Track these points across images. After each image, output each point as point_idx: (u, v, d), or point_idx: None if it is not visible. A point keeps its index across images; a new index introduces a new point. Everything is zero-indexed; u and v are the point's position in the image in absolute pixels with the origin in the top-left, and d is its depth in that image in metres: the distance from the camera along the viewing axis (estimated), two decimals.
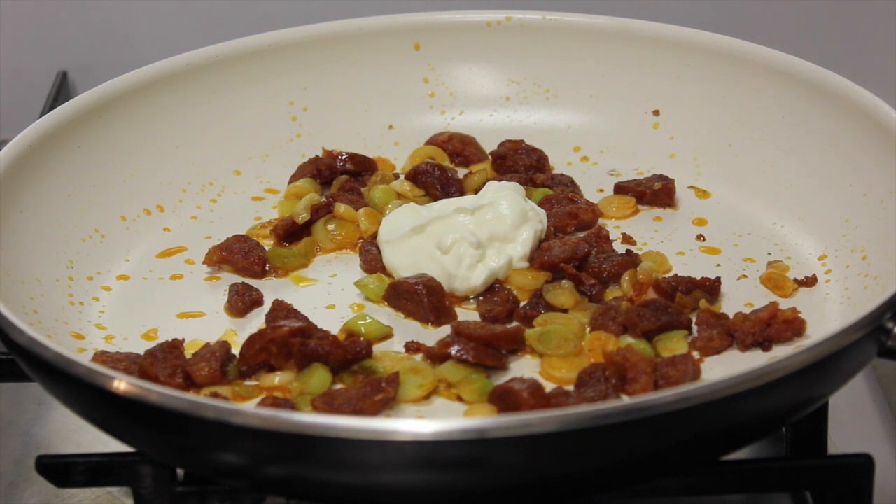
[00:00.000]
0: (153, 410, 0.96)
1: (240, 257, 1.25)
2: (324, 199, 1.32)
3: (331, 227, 1.29)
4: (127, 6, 1.72)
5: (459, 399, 1.10)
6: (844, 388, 1.06)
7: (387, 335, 1.17)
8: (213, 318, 1.21)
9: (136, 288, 1.25)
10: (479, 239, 1.19)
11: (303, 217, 1.28)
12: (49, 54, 1.73)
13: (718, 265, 1.25)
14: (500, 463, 0.94)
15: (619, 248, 1.25)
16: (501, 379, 1.10)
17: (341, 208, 1.30)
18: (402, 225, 1.24)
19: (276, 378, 1.11)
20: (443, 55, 1.47)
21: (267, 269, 1.26)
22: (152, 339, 1.18)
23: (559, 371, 1.11)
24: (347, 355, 1.11)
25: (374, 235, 1.26)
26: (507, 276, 1.20)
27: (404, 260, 1.22)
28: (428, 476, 0.96)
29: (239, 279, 1.24)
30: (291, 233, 1.29)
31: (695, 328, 1.15)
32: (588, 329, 1.16)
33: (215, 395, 1.08)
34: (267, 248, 1.27)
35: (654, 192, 1.33)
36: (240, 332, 1.18)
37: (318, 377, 1.10)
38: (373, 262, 1.25)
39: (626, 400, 1.05)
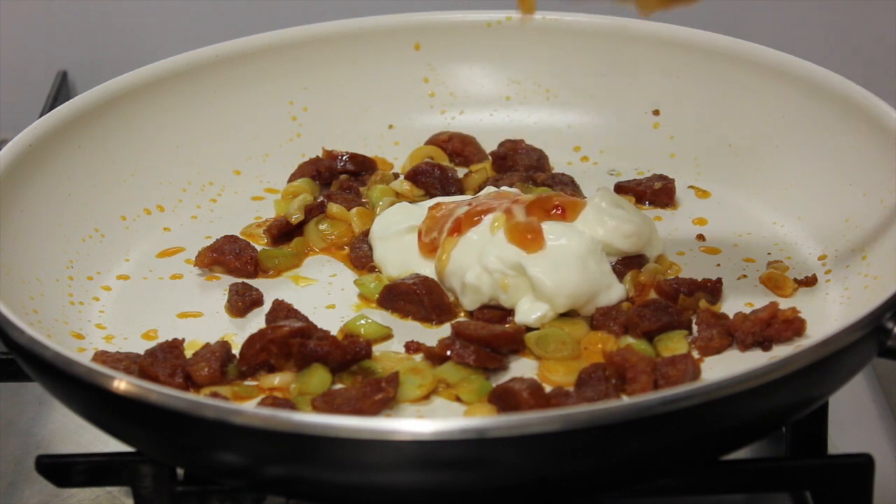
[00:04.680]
0: (153, 410, 0.96)
1: (231, 258, 1.25)
2: (321, 198, 1.32)
3: (323, 226, 1.29)
4: (127, 6, 1.72)
5: (459, 399, 1.10)
6: (844, 388, 1.06)
7: (387, 336, 1.17)
8: (213, 318, 1.21)
9: (136, 288, 1.25)
10: (494, 296, 1.18)
11: (296, 217, 1.28)
12: (49, 54, 1.73)
13: (718, 265, 1.25)
14: (500, 463, 0.94)
15: None
16: (501, 379, 1.10)
17: (334, 208, 1.30)
18: (396, 222, 1.24)
19: (276, 378, 1.11)
20: (443, 55, 1.47)
21: (258, 269, 1.26)
22: (152, 339, 1.18)
23: (557, 374, 1.11)
24: (347, 356, 1.11)
25: (367, 233, 1.26)
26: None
27: (395, 257, 1.23)
28: (428, 476, 0.96)
29: (234, 279, 1.24)
30: (285, 233, 1.29)
31: (695, 328, 1.15)
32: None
33: (215, 395, 1.08)
34: (259, 249, 1.27)
35: (654, 192, 1.33)
36: (240, 332, 1.18)
37: (318, 377, 1.10)
38: (363, 258, 1.25)
39: (625, 400, 1.05)
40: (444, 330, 1.17)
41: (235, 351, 1.13)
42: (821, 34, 1.70)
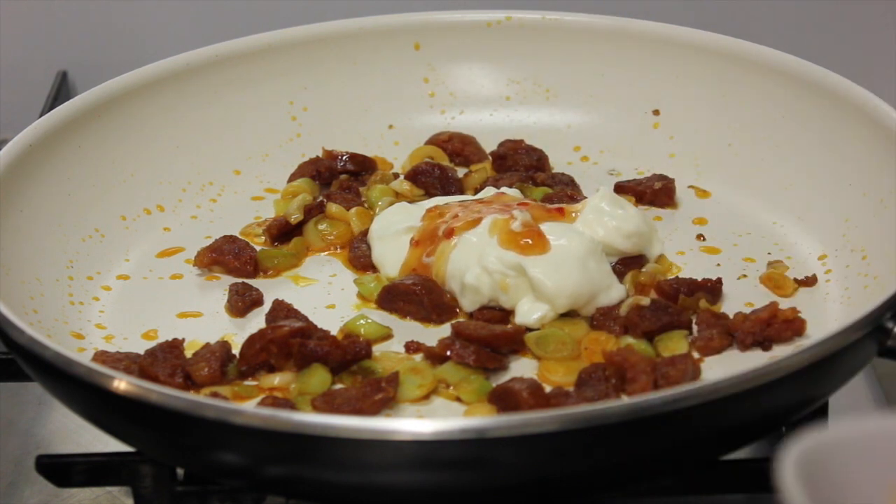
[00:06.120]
0: (153, 410, 0.96)
1: (230, 258, 1.25)
2: (320, 198, 1.32)
3: (322, 226, 1.29)
4: (127, 6, 1.72)
5: (459, 399, 1.10)
6: (844, 388, 1.06)
7: (387, 336, 1.17)
8: (213, 318, 1.21)
9: (136, 288, 1.25)
10: (494, 297, 1.18)
11: (296, 217, 1.28)
12: (49, 54, 1.72)
13: (718, 265, 1.25)
14: (500, 463, 0.94)
15: None
16: (501, 379, 1.10)
17: (333, 208, 1.30)
18: (395, 222, 1.24)
19: (276, 378, 1.11)
20: (443, 55, 1.47)
21: (258, 269, 1.26)
22: (152, 339, 1.18)
23: (556, 374, 1.11)
24: (347, 356, 1.11)
25: (366, 233, 1.27)
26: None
27: (393, 256, 1.23)
28: (428, 476, 0.96)
29: (233, 279, 1.24)
30: (285, 233, 1.29)
31: (695, 328, 1.15)
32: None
33: (215, 395, 1.08)
34: (258, 249, 1.27)
35: (654, 192, 1.33)
36: (240, 332, 1.18)
37: (318, 377, 1.10)
38: (362, 258, 1.25)
39: (625, 400, 1.05)
40: (444, 330, 1.17)
41: (235, 351, 1.13)
42: (820, 34, 1.70)
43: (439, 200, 1.28)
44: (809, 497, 0.75)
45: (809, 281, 1.21)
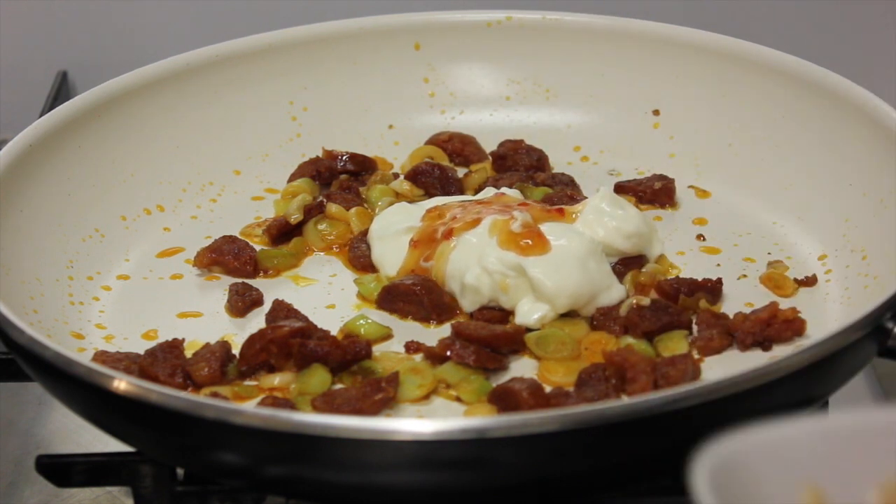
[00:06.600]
0: (153, 410, 0.96)
1: (230, 258, 1.25)
2: (320, 198, 1.32)
3: (322, 226, 1.29)
4: (127, 6, 1.72)
5: (459, 399, 1.10)
6: (844, 388, 1.06)
7: (387, 336, 1.17)
8: (213, 318, 1.21)
9: (136, 288, 1.25)
10: (494, 297, 1.18)
11: (295, 217, 1.28)
12: (49, 54, 1.73)
13: (718, 265, 1.25)
14: (500, 463, 0.94)
15: None
16: (501, 379, 1.10)
17: (333, 208, 1.30)
18: (395, 222, 1.24)
19: (276, 378, 1.11)
20: (443, 55, 1.47)
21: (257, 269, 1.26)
22: (152, 339, 1.18)
23: (556, 375, 1.11)
24: (347, 356, 1.11)
25: (365, 233, 1.27)
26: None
27: (392, 256, 1.23)
28: (428, 476, 0.96)
29: (233, 279, 1.24)
30: (284, 233, 1.29)
31: (695, 328, 1.15)
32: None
33: (215, 395, 1.08)
34: (258, 249, 1.27)
35: (654, 192, 1.33)
36: (240, 332, 1.18)
37: (318, 377, 1.10)
38: (361, 258, 1.25)
39: (625, 400, 1.05)
40: (444, 330, 1.17)
41: (235, 351, 1.13)
42: (820, 34, 1.70)
43: (439, 200, 1.28)
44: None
45: (809, 281, 1.21)
